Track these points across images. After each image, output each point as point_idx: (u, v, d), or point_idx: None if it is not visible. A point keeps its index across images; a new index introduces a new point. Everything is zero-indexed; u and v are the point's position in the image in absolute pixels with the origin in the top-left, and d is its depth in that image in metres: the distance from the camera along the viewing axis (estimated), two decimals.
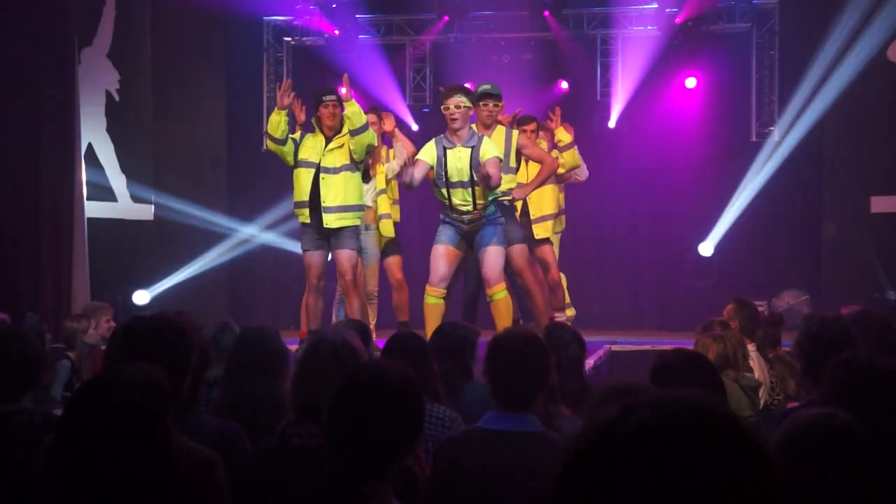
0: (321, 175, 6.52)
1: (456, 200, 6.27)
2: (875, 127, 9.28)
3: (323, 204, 6.52)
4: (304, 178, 6.59)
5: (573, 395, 3.62)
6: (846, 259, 9.29)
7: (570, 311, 7.75)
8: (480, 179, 6.09)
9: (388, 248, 7.45)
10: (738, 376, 4.30)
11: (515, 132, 6.72)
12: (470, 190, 6.20)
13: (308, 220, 6.59)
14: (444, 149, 6.22)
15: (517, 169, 6.76)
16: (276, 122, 6.56)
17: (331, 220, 6.52)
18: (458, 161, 6.18)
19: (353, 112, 6.44)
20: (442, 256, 6.34)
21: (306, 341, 4.72)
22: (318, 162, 6.54)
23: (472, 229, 6.31)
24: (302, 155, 6.62)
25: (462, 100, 6.16)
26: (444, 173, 6.23)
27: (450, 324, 4.13)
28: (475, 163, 6.11)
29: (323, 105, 6.61)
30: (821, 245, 9.90)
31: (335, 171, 6.54)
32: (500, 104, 6.71)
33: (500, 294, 6.28)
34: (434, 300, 6.35)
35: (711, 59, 10.45)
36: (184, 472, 1.94)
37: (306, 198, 6.58)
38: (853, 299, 6.99)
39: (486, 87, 6.68)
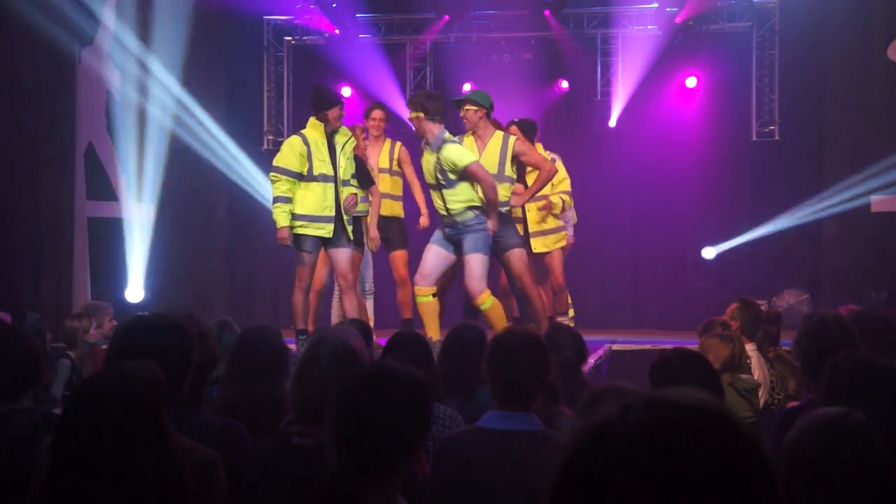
0: (341, 187, 6.40)
1: (434, 203, 6.42)
2: (875, 126, 9.26)
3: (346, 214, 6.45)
4: (328, 193, 6.35)
5: (572, 396, 3.61)
6: (846, 259, 9.28)
7: (570, 312, 7.73)
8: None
9: (394, 242, 7.38)
10: (733, 379, 4.26)
11: (512, 138, 6.55)
12: (439, 193, 6.29)
13: (330, 236, 6.37)
14: (423, 150, 6.35)
15: (514, 178, 6.58)
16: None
17: (351, 230, 6.52)
18: (427, 164, 6.28)
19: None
20: (429, 253, 6.42)
21: (307, 341, 4.73)
22: (334, 174, 6.37)
23: (455, 234, 6.33)
24: (318, 169, 6.34)
25: (416, 115, 6.18)
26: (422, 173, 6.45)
27: (467, 326, 3.95)
28: (440, 167, 6.16)
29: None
30: (821, 245, 9.90)
31: (348, 181, 6.50)
32: (475, 108, 6.43)
33: (486, 303, 6.23)
34: (424, 298, 6.41)
35: (712, 59, 10.46)
36: (184, 472, 1.94)
37: (332, 213, 6.36)
38: (853, 299, 7.00)
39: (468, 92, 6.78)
